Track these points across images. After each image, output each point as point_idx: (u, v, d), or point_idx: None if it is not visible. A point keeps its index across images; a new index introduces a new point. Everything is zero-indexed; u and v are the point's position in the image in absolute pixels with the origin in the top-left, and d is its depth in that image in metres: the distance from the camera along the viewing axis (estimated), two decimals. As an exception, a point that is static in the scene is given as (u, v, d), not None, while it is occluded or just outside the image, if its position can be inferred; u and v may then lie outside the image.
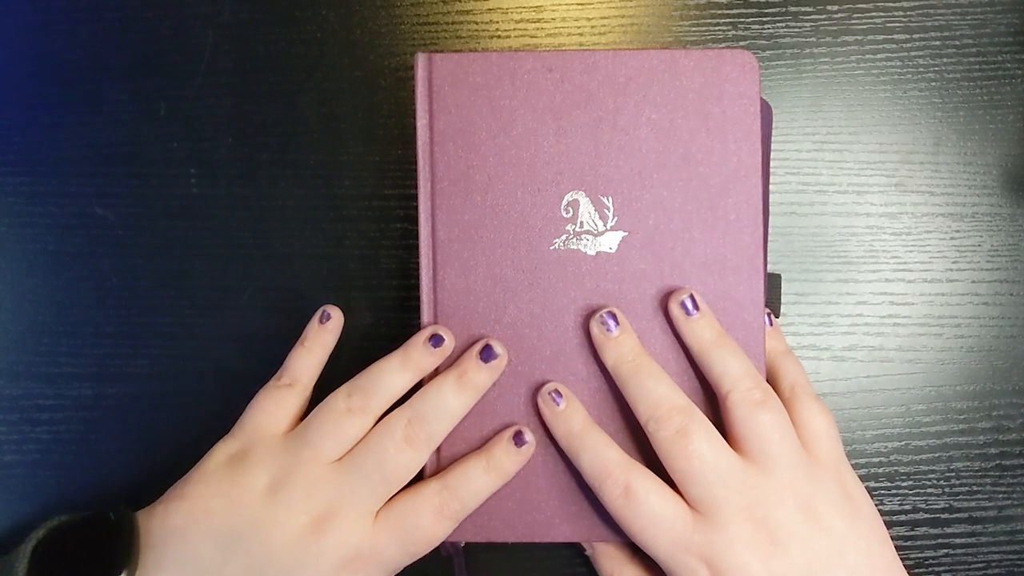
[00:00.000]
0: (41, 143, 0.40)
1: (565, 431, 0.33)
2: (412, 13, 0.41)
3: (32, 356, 0.39)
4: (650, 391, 0.32)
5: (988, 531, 0.38)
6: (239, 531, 0.31)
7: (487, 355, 0.33)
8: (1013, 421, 0.39)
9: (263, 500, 0.31)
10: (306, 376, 0.36)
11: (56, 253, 0.40)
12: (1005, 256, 0.40)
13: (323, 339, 0.37)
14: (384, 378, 0.33)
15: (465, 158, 0.34)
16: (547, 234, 0.34)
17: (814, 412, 0.33)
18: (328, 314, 0.37)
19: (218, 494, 0.32)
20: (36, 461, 0.39)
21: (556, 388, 0.33)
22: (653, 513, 0.31)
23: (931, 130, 0.40)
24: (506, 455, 0.33)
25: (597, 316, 0.33)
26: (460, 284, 0.34)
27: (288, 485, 0.31)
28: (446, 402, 0.33)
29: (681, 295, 0.33)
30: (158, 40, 0.40)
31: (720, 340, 0.33)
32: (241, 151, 0.40)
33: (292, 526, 0.31)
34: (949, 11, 0.40)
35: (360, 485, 0.32)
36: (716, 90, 0.34)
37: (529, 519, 0.34)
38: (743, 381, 0.32)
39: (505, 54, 0.34)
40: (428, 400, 0.33)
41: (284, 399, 0.34)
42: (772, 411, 0.31)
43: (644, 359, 0.33)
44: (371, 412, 0.33)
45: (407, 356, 0.34)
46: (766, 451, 0.31)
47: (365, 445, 0.32)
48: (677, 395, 0.32)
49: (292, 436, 0.33)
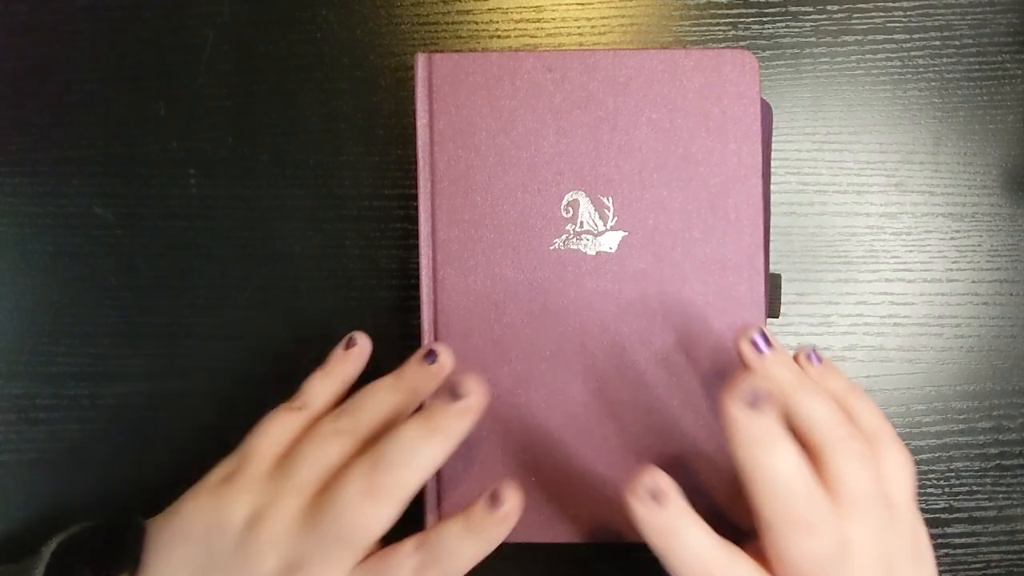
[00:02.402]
0: (41, 143, 0.40)
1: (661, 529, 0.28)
2: (412, 13, 0.41)
3: (31, 356, 0.39)
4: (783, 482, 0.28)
5: (988, 531, 0.38)
6: (213, 562, 0.29)
7: (457, 394, 0.29)
8: (1013, 421, 0.39)
9: (239, 534, 0.29)
10: (318, 401, 0.33)
11: (56, 253, 0.40)
12: (1005, 256, 0.40)
13: (344, 367, 0.34)
14: (374, 396, 0.31)
15: (465, 158, 0.34)
16: (547, 234, 0.34)
17: (899, 460, 0.31)
18: (354, 340, 0.35)
19: (201, 517, 0.30)
20: (34, 461, 0.39)
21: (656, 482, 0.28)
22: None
23: (931, 130, 0.40)
24: (489, 520, 0.30)
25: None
26: (460, 284, 0.34)
27: (263, 523, 0.29)
28: (417, 450, 0.29)
29: (751, 332, 0.31)
30: (158, 40, 0.40)
31: (800, 382, 0.30)
32: (241, 151, 0.40)
33: (264, 567, 0.29)
34: (949, 11, 0.40)
35: (324, 542, 0.29)
36: (716, 90, 0.34)
37: (529, 519, 0.34)
38: (836, 430, 0.29)
39: (505, 54, 0.34)
40: (395, 446, 0.29)
41: (290, 422, 0.32)
42: (865, 463, 0.29)
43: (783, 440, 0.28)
44: (355, 434, 0.31)
45: (400, 375, 0.32)
46: (854, 500, 0.29)
47: (325, 495, 0.29)
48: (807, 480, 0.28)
49: (281, 465, 0.31)
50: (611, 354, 0.34)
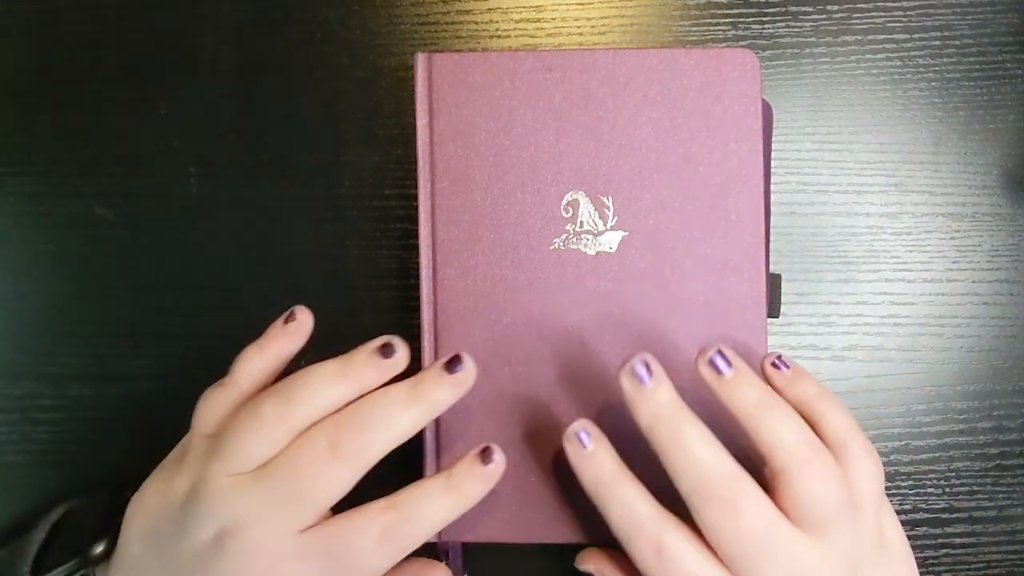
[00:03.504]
0: (41, 143, 0.40)
1: (592, 477, 0.29)
2: (412, 13, 0.41)
3: (32, 356, 0.39)
4: (692, 461, 0.28)
5: (988, 531, 0.38)
6: (160, 534, 0.30)
7: (454, 366, 0.29)
8: (1013, 421, 0.39)
9: (181, 505, 0.29)
10: (247, 380, 0.31)
11: (57, 253, 0.40)
12: (1005, 256, 0.40)
13: (280, 344, 0.32)
14: (313, 385, 0.29)
15: (465, 158, 0.34)
16: (547, 234, 0.34)
17: (869, 469, 0.30)
18: (294, 315, 0.32)
19: (157, 491, 0.31)
20: (36, 461, 0.39)
21: (584, 427, 0.30)
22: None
23: (931, 130, 0.40)
24: (469, 475, 0.29)
25: (627, 368, 0.29)
26: (460, 284, 0.34)
27: (197, 493, 0.29)
28: (391, 413, 0.28)
29: (706, 354, 0.30)
30: (158, 40, 0.40)
31: (765, 402, 0.29)
32: (241, 151, 0.40)
33: (199, 537, 0.28)
34: (949, 11, 0.40)
35: (271, 501, 0.28)
36: (717, 89, 0.34)
37: (529, 519, 0.34)
38: (800, 452, 0.28)
39: (505, 54, 0.34)
40: (368, 407, 0.28)
41: (217, 398, 0.31)
42: (828, 481, 0.28)
43: (682, 417, 0.29)
44: (289, 423, 0.29)
45: (347, 363, 0.29)
46: (817, 518, 0.28)
47: (283, 454, 0.28)
48: (722, 463, 0.28)
49: (212, 440, 0.30)
50: (611, 354, 0.34)
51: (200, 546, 0.28)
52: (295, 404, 0.29)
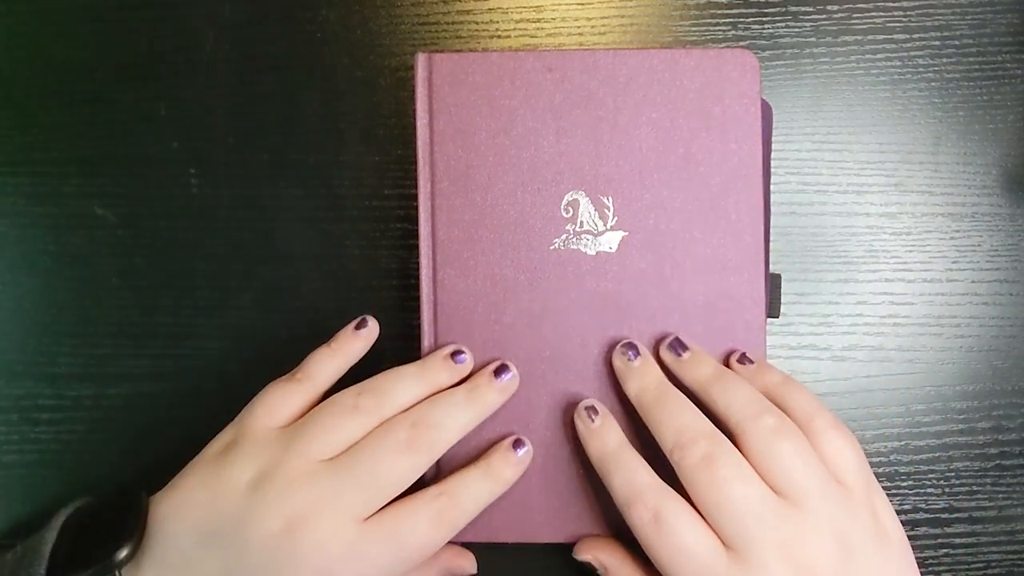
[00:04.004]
0: (41, 143, 0.40)
1: (598, 448, 0.32)
2: (412, 13, 0.41)
3: (32, 356, 0.39)
4: (673, 417, 0.31)
5: (988, 531, 0.38)
6: (218, 526, 0.30)
7: (501, 374, 0.33)
8: (1013, 421, 0.39)
9: (244, 495, 0.30)
10: (321, 376, 0.34)
11: (56, 253, 0.40)
12: (1005, 256, 0.40)
13: (351, 345, 0.34)
14: (399, 384, 0.32)
15: (465, 158, 0.34)
16: (547, 234, 0.34)
17: (837, 441, 0.31)
18: (365, 321, 0.35)
19: (203, 485, 0.31)
20: (36, 461, 0.39)
21: (592, 404, 0.33)
22: (684, 545, 0.29)
23: (931, 130, 0.40)
24: (505, 462, 0.33)
25: (619, 347, 0.33)
26: (460, 284, 0.34)
27: (270, 480, 0.30)
28: (454, 413, 0.32)
29: (666, 340, 0.33)
30: (158, 40, 0.40)
31: (718, 373, 0.32)
32: (241, 151, 0.40)
33: (268, 526, 0.29)
34: (949, 11, 0.40)
35: (347, 487, 0.30)
36: (717, 90, 0.34)
37: (529, 519, 0.34)
38: (750, 408, 0.30)
39: (505, 54, 0.34)
40: (437, 407, 0.32)
41: (290, 393, 0.33)
42: (790, 439, 0.30)
43: (667, 387, 0.32)
44: (378, 415, 0.32)
45: (425, 367, 0.33)
46: (794, 483, 0.29)
47: (362, 445, 0.31)
48: (702, 422, 0.31)
49: (288, 429, 0.32)
50: (611, 354, 0.34)
51: (271, 533, 0.29)
52: (384, 398, 0.32)
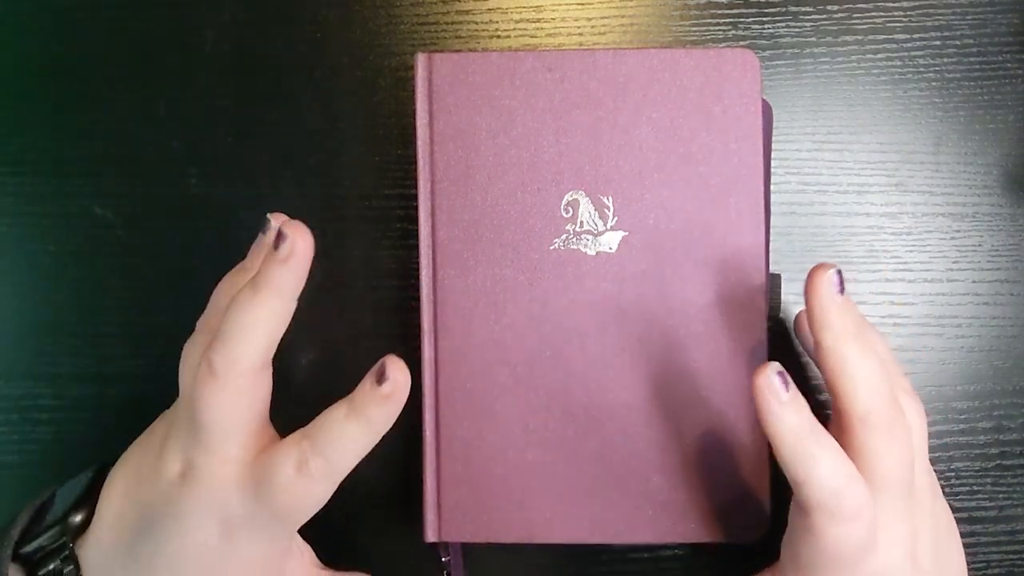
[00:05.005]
0: (41, 143, 0.40)
1: (792, 429, 0.27)
2: (412, 13, 0.41)
3: (32, 356, 0.39)
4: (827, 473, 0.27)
5: (988, 531, 0.38)
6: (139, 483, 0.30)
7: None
8: (1013, 421, 0.39)
9: (159, 447, 0.31)
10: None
11: (57, 253, 0.40)
12: (1005, 256, 0.40)
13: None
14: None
15: (465, 158, 0.34)
16: (547, 234, 0.34)
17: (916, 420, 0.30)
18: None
19: (137, 449, 0.32)
20: (36, 461, 0.39)
21: (781, 370, 0.27)
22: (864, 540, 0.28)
23: (931, 130, 0.40)
24: (371, 399, 0.28)
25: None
26: (460, 284, 0.34)
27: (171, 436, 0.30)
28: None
29: (828, 270, 0.28)
30: (158, 40, 0.40)
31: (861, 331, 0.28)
32: (241, 151, 0.40)
33: (168, 474, 0.29)
34: (949, 11, 0.40)
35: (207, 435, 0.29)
36: (717, 89, 0.34)
37: (529, 519, 0.34)
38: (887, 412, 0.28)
39: (505, 54, 0.34)
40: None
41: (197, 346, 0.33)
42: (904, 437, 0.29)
43: (821, 432, 0.28)
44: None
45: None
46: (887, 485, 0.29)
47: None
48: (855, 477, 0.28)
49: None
50: (611, 354, 0.34)
51: (169, 481, 0.29)
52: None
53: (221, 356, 0.28)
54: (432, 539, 0.34)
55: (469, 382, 0.34)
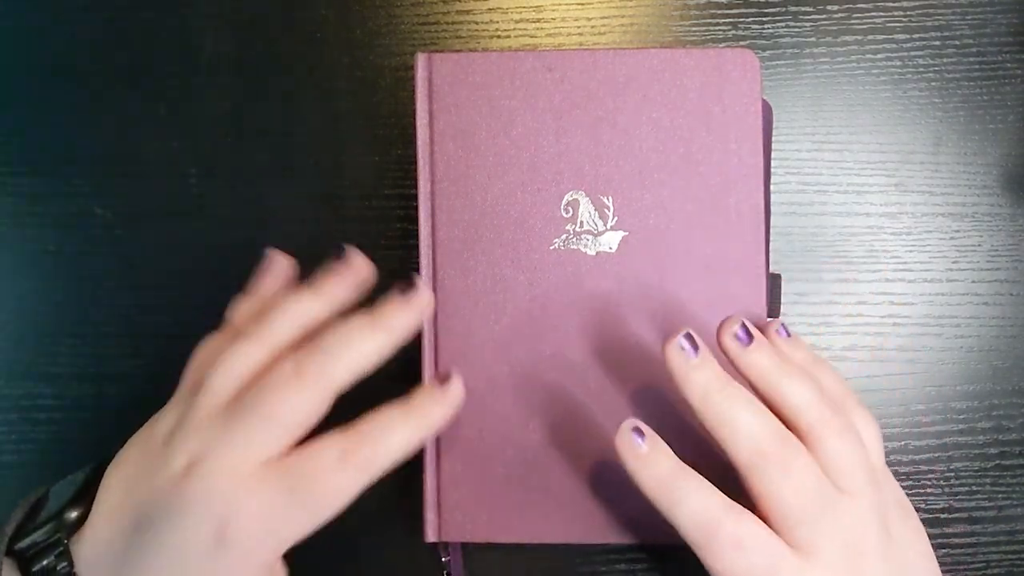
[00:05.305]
0: (41, 143, 0.40)
1: (653, 477, 0.28)
2: (412, 13, 0.41)
3: (32, 356, 0.39)
4: (744, 420, 0.28)
5: (988, 531, 0.38)
6: (138, 478, 0.30)
7: (406, 290, 0.30)
8: (1013, 421, 0.39)
9: (160, 448, 0.30)
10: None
11: (57, 253, 0.40)
12: (1005, 256, 0.40)
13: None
14: (286, 302, 0.31)
15: (465, 158, 0.34)
16: (547, 234, 0.34)
17: (868, 424, 0.31)
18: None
19: (136, 443, 0.32)
20: (36, 461, 0.39)
21: (636, 425, 0.29)
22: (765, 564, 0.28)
23: (931, 130, 0.40)
24: (430, 400, 0.30)
25: (675, 340, 0.29)
26: (460, 284, 0.34)
27: (177, 429, 0.30)
28: (352, 340, 0.30)
29: (732, 326, 0.30)
30: (158, 40, 0.40)
31: (782, 366, 0.29)
32: (241, 151, 0.40)
33: (170, 471, 0.29)
34: (949, 11, 0.40)
35: (239, 427, 0.29)
36: (717, 89, 0.34)
37: (529, 519, 0.34)
38: (821, 412, 0.29)
39: (505, 54, 0.34)
40: (332, 335, 0.30)
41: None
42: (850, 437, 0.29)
43: (734, 386, 0.29)
44: (264, 340, 0.30)
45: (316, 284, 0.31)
46: (850, 476, 0.29)
47: (253, 383, 0.29)
48: (773, 423, 0.28)
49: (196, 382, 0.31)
50: (611, 354, 0.34)
51: (172, 476, 0.29)
52: (267, 320, 0.30)
53: (316, 365, 0.29)
54: (432, 539, 0.34)
55: (469, 382, 0.34)
